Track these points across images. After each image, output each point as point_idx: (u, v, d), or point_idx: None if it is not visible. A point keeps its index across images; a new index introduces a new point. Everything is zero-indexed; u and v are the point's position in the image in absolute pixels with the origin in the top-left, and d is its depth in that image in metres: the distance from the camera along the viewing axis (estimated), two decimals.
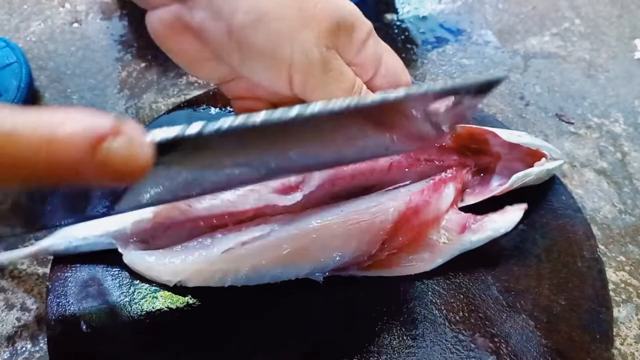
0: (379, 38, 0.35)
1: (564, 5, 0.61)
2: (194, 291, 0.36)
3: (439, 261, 0.37)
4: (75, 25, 0.58)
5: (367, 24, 0.33)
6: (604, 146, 0.49)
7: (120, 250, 0.36)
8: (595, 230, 0.42)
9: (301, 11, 0.30)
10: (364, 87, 0.33)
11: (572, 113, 0.51)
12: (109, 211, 0.31)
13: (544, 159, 0.40)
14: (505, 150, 0.41)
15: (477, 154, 0.41)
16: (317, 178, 0.38)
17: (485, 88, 0.32)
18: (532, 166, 0.40)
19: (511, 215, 0.38)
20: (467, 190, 0.41)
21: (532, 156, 0.40)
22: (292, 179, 0.37)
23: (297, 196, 0.37)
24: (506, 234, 0.38)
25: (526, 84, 0.53)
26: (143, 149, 0.19)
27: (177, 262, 0.36)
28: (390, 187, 0.39)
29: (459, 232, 0.37)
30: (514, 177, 0.39)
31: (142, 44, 0.56)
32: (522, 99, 0.52)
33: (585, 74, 0.55)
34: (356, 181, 0.39)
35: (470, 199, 0.40)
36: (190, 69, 0.34)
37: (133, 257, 0.36)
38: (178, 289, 0.36)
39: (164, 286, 0.36)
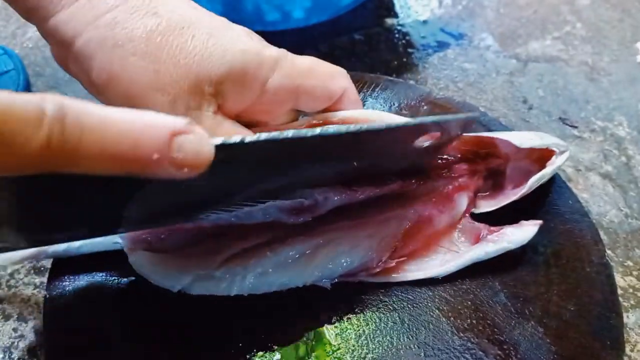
0: (295, 62, 0.33)
1: (565, 9, 0.61)
2: (198, 300, 0.35)
3: (451, 269, 0.36)
4: None
5: (268, 60, 0.32)
6: (609, 150, 0.49)
7: (125, 250, 0.35)
8: (601, 234, 0.42)
9: (157, 73, 0.30)
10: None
11: (576, 117, 0.51)
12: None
13: (554, 156, 0.39)
14: (515, 151, 0.40)
15: (486, 158, 0.41)
16: (329, 204, 0.37)
17: (462, 126, 0.34)
18: (540, 162, 0.39)
19: (527, 230, 0.37)
20: (480, 194, 0.40)
21: (539, 151, 0.40)
22: (305, 202, 0.37)
23: (306, 217, 0.37)
24: None
25: (529, 87, 0.53)
26: (208, 147, 0.22)
27: (181, 266, 0.35)
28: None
29: (472, 242, 0.37)
30: (531, 181, 0.38)
31: None
32: (525, 102, 0.52)
33: (587, 78, 0.54)
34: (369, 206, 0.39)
35: (485, 206, 0.39)
36: None
37: (138, 257, 0.35)
38: (182, 298, 0.35)
39: (166, 296, 0.35)
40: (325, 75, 0.35)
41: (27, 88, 0.50)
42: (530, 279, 0.37)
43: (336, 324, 0.35)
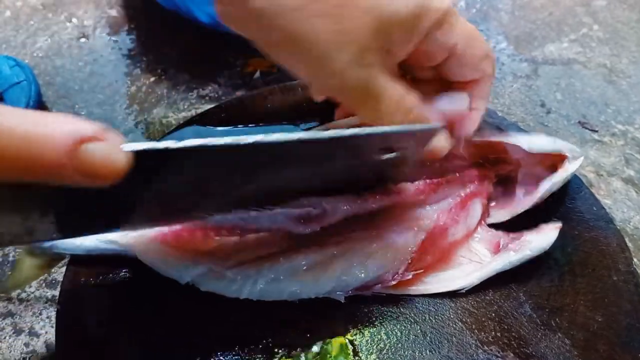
0: (459, 22, 0.32)
1: (581, 11, 0.60)
2: (210, 311, 0.34)
3: (474, 281, 0.35)
4: (83, 40, 0.57)
5: (436, 11, 0.31)
6: (630, 154, 0.47)
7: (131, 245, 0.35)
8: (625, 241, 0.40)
9: (338, 32, 0.29)
10: (415, 105, 0.32)
11: (596, 120, 0.50)
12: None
13: (566, 161, 0.38)
14: (526, 156, 0.39)
15: (496, 164, 0.40)
16: (338, 213, 0.36)
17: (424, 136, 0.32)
18: (553, 168, 0.38)
19: (548, 235, 0.36)
20: (492, 204, 0.39)
21: (552, 157, 0.38)
22: (313, 212, 0.36)
23: (314, 227, 0.36)
24: None
25: (546, 91, 0.52)
26: (120, 155, 0.21)
27: (194, 258, 0.34)
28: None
29: (493, 251, 0.36)
30: (542, 187, 0.37)
31: (151, 58, 0.55)
32: (542, 106, 0.51)
33: (606, 80, 0.53)
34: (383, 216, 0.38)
35: (499, 215, 0.38)
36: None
37: (147, 247, 0.35)
38: (193, 310, 0.34)
39: (179, 310, 0.35)
40: (481, 51, 0.34)
41: (39, 98, 0.49)
42: (556, 288, 0.36)
43: (355, 337, 0.34)
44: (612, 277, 0.36)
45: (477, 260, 0.36)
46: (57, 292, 0.38)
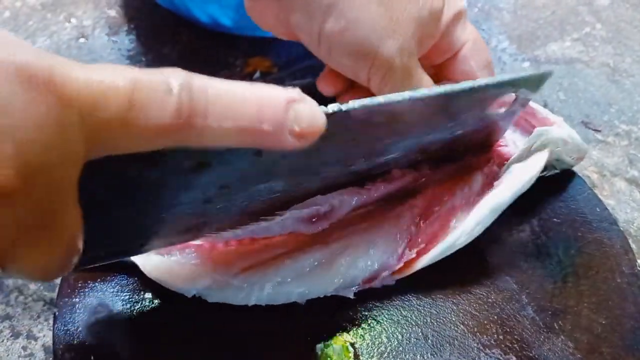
0: (469, 24, 0.35)
1: (584, 10, 0.59)
2: (213, 313, 0.34)
3: (472, 225, 0.35)
4: (82, 40, 0.57)
5: (455, 7, 0.33)
6: (634, 154, 0.47)
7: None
8: (629, 242, 0.40)
9: (391, 20, 0.31)
10: None
11: (599, 120, 0.49)
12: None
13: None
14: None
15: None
16: (344, 207, 0.36)
17: (537, 83, 0.34)
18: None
19: (534, 161, 0.36)
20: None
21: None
22: (321, 209, 0.36)
23: (324, 224, 0.36)
24: (539, 248, 0.36)
25: (549, 91, 0.51)
26: (321, 115, 0.22)
27: (199, 270, 0.34)
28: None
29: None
30: (535, 132, 0.36)
31: (150, 59, 0.54)
32: (545, 106, 0.50)
33: (609, 80, 0.52)
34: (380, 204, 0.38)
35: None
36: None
37: (151, 261, 0.34)
38: (196, 312, 0.34)
39: (179, 310, 0.34)
40: (485, 56, 0.36)
41: None
42: (559, 291, 0.35)
43: (356, 340, 0.33)
44: (615, 279, 0.36)
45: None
46: (55, 295, 0.37)
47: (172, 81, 0.19)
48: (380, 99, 0.26)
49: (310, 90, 0.24)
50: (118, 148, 0.20)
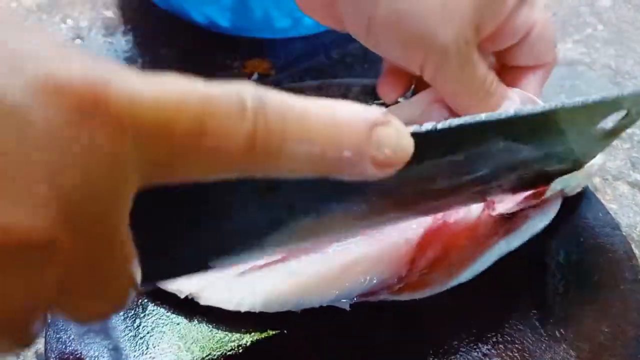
0: (539, 4, 0.33)
1: (586, 11, 0.59)
2: (205, 320, 0.34)
3: (484, 266, 0.34)
4: (78, 41, 0.56)
5: None
6: (636, 157, 0.46)
7: None
8: (632, 248, 0.39)
9: (444, 7, 0.29)
10: (494, 83, 0.32)
11: None
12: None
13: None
14: None
15: None
16: None
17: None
18: None
19: (549, 207, 0.35)
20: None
21: None
22: None
23: None
24: (540, 254, 0.36)
25: (550, 93, 0.51)
26: (407, 140, 0.19)
27: None
28: None
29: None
30: (555, 183, 0.35)
31: (147, 60, 0.54)
32: None
33: (612, 82, 0.52)
34: None
35: (502, 207, 0.37)
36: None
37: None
38: (188, 322, 0.34)
39: (172, 318, 0.34)
40: (553, 36, 0.34)
41: None
42: (560, 298, 0.35)
43: (352, 352, 0.33)
44: (619, 286, 0.35)
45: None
46: None
47: (246, 98, 0.17)
48: (482, 116, 0.24)
49: (310, 93, 0.23)
50: (175, 178, 0.17)
